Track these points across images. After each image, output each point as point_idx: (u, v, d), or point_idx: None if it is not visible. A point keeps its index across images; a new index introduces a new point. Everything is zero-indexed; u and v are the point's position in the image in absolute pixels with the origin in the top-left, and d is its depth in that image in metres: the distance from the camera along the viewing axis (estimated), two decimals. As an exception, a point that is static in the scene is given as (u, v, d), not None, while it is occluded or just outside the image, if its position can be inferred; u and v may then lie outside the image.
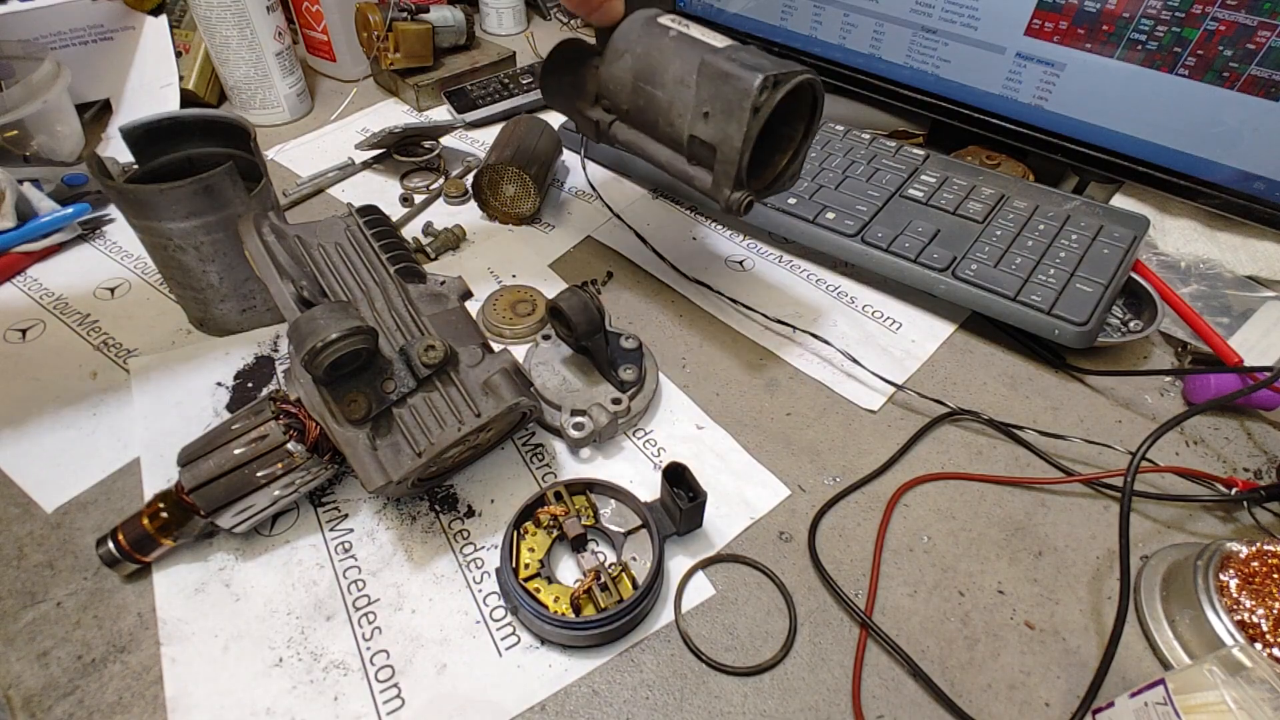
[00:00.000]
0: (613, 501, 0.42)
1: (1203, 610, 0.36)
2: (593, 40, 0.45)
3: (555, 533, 0.40)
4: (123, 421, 0.47)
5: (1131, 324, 0.54)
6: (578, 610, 0.37)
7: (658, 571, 0.38)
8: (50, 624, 0.38)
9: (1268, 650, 0.34)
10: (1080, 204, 0.57)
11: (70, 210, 0.59)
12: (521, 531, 0.40)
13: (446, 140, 0.74)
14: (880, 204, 0.59)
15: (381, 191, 0.68)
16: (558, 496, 0.41)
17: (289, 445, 0.38)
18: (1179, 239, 0.59)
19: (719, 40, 0.39)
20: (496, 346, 0.43)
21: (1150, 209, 0.61)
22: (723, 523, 0.42)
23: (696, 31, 0.40)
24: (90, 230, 0.61)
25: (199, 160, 0.51)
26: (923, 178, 0.61)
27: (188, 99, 0.75)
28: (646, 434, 0.47)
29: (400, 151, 0.69)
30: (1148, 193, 0.61)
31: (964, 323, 0.55)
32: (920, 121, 0.73)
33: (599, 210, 0.65)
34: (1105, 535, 0.43)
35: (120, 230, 0.62)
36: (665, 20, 0.41)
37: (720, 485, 0.44)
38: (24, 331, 0.53)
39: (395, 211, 0.64)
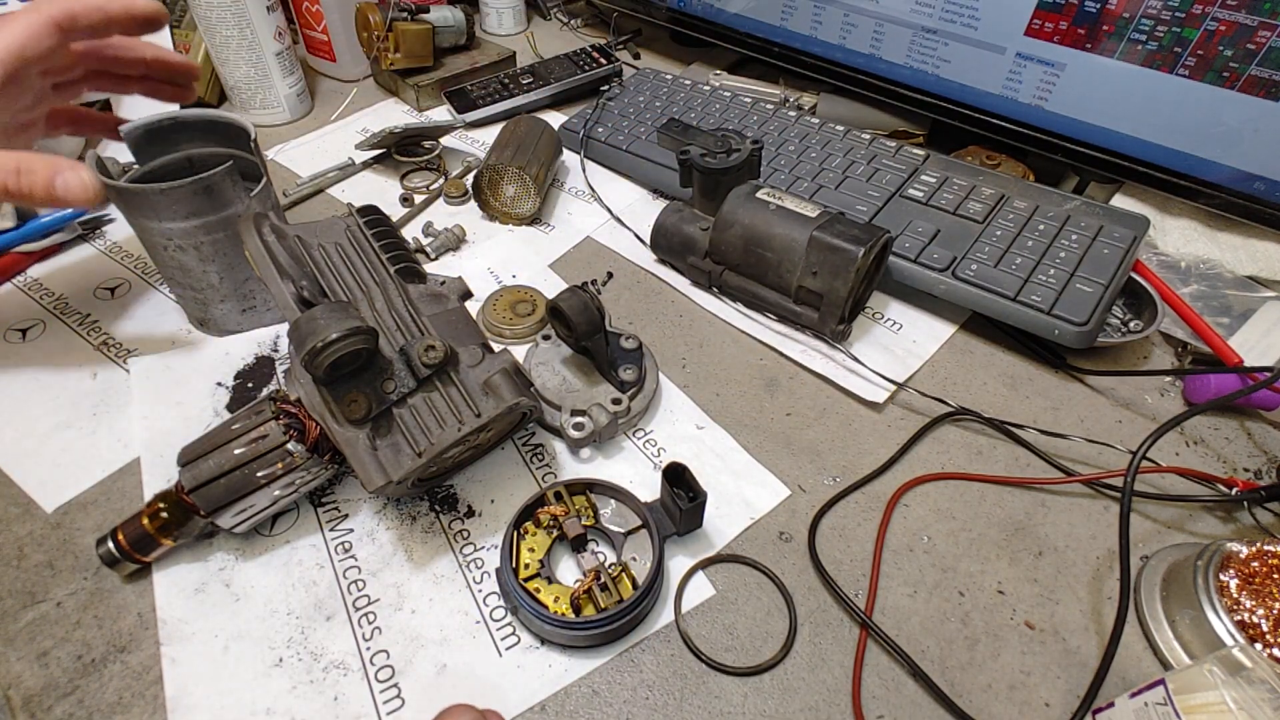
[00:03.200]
0: (613, 501, 0.42)
1: (1203, 610, 0.36)
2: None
3: (555, 533, 0.40)
4: (123, 421, 0.47)
5: (1131, 324, 0.54)
6: (578, 610, 0.37)
7: (658, 571, 0.38)
8: (50, 624, 0.38)
9: (1268, 650, 0.34)
10: (1080, 204, 0.57)
11: (70, 210, 0.59)
12: (521, 531, 0.40)
13: (446, 140, 0.74)
14: (880, 204, 0.59)
15: (381, 191, 0.67)
16: (558, 496, 0.41)
17: (289, 445, 0.38)
18: (1179, 239, 0.59)
19: (810, 209, 0.50)
20: (496, 346, 0.43)
21: (1150, 209, 0.61)
22: (723, 523, 0.42)
23: (790, 203, 0.51)
24: (90, 230, 0.61)
25: (199, 160, 0.51)
26: (923, 178, 0.61)
27: (188, 99, 0.75)
28: (646, 434, 0.47)
29: (400, 151, 0.69)
30: (1148, 193, 0.61)
31: (964, 323, 0.55)
32: (920, 121, 0.73)
33: (599, 210, 0.65)
34: (1105, 535, 0.43)
35: (120, 230, 0.62)
36: (762, 195, 0.51)
37: (720, 485, 0.44)
38: (24, 331, 0.53)
39: (395, 211, 0.64)
